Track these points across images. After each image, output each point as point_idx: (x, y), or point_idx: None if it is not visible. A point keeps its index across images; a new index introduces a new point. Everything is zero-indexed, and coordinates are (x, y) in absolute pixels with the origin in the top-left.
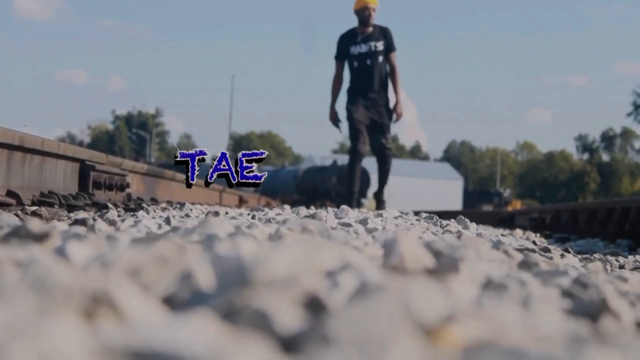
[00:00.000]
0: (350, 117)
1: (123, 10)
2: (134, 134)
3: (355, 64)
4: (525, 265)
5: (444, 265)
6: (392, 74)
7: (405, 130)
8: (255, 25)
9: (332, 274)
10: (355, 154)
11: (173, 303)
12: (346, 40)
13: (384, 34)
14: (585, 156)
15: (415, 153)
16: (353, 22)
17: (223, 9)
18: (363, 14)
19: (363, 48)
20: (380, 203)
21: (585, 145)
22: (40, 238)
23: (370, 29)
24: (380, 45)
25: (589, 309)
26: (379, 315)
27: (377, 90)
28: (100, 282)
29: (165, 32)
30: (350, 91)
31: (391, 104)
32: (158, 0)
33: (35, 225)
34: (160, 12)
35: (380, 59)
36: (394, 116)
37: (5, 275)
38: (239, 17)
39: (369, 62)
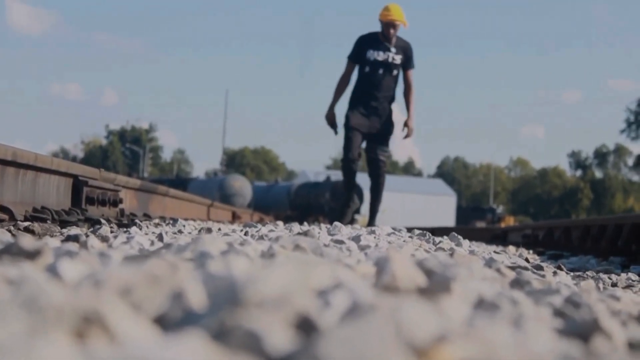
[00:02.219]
0: (347, 123)
1: (117, 25)
2: (128, 149)
3: (367, 69)
4: (517, 283)
5: (436, 284)
6: (408, 91)
7: (398, 146)
8: (250, 40)
9: (324, 293)
10: (347, 161)
11: (164, 323)
12: (365, 43)
13: (404, 49)
14: (579, 173)
15: (409, 169)
16: (348, 39)
17: (218, 24)
18: (387, 28)
19: (380, 56)
20: (373, 217)
21: (578, 162)
22: (33, 255)
23: (393, 41)
24: (397, 59)
25: (580, 329)
26: (371, 336)
27: (381, 101)
28: (92, 301)
29: (159, 47)
30: (353, 95)
31: (403, 119)
32: (153, 15)
33: (27, 242)
34: (155, 26)
35: (394, 72)
36: (406, 130)
37: None
38: (233, 32)
39: (381, 71)
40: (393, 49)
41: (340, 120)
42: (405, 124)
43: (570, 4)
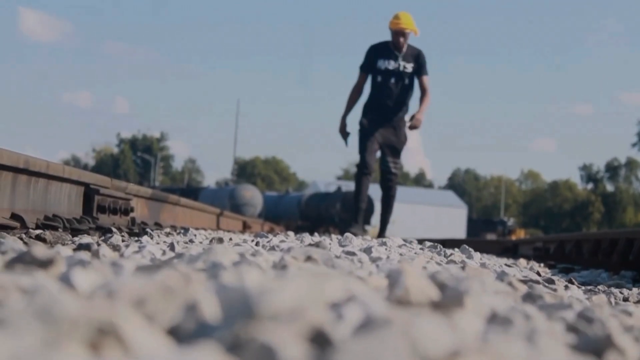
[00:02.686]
0: (362, 130)
1: (129, 34)
2: (139, 157)
3: (379, 78)
4: (529, 297)
5: (448, 298)
6: (423, 95)
7: (409, 157)
8: (262, 50)
9: (337, 306)
10: (363, 168)
11: (178, 334)
12: (376, 52)
13: (416, 56)
14: (590, 186)
15: (420, 180)
16: (355, 51)
17: (230, 34)
18: (397, 37)
19: (391, 65)
20: (382, 232)
21: (589, 175)
22: (45, 264)
23: (404, 49)
24: (409, 67)
25: (594, 345)
26: (385, 350)
27: (395, 111)
28: (106, 313)
29: (171, 56)
30: (366, 106)
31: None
32: (165, 24)
33: (40, 251)
34: (167, 35)
35: (407, 81)
36: (412, 121)
37: (10, 303)
38: (245, 42)
39: (393, 80)
40: (404, 58)
41: (353, 127)
42: (412, 116)
43: (582, 17)
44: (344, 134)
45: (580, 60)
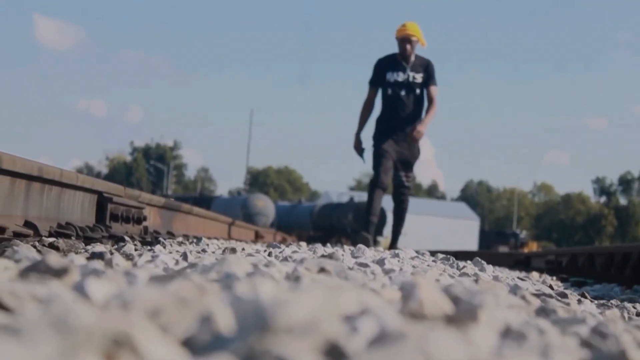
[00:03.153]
0: (376, 146)
1: (143, 42)
2: (152, 166)
3: (390, 91)
4: (543, 311)
5: (463, 311)
6: (430, 105)
7: (422, 168)
8: (275, 59)
9: (351, 319)
10: (377, 183)
11: (192, 346)
12: (384, 66)
13: (425, 66)
14: (603, 199)
15: (432, 192)
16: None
17: (244, 44)
18: (403, 44)
19: (400, 77)
20: (393, 243)
21: (602, 188)
22: (59, 273)
23: (412, 59)
24: (419, 78)
25: None
26: None
27: (408, 123)
28: (121, 323)
29: (185, 65)
30: (379, 121)
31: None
32: (178, 33)
33: (54, 260)
34: (181, 44)
35: (418, 91)
36: (413, 133)
37: (25, 313)
38: (259, 51)
39: (403, 92)
40: (413, 68)
41: (367, 142)
42: (414, 127)
43: (598, 31)
44: (360, 150)
45: (595, 73)
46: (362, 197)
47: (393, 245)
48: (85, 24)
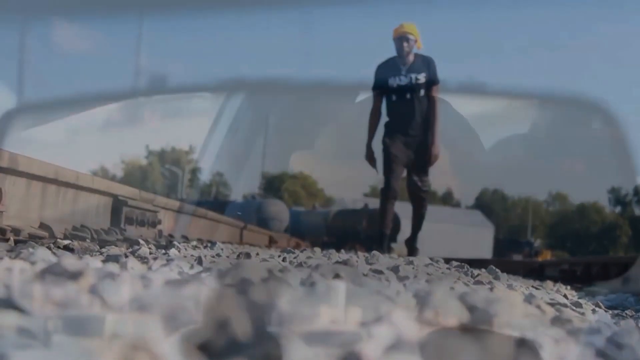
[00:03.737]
0: (386, 151)
1: (159, 46)
2: (167, 169)
3: (394, 97)
4: (558, 321)
5: (478, 320)
6: (430, 108)
7: (437, 176)
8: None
9: (367, 326)
10: (387, 191)
11: (209, 351)
12: (384, 70)
13: (427, 64)
14: (618, 209)
15: (447, 199)
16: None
17: (259, 48)
18: (400, 43)
19: (403, 80)
20: (412, 250)
21: (618, 199)
22: (75, 276)
23: (412, 59)
24: (422, 78)
25: None
26: None
27: (419, 127)
28: (138, 327)
29: (199, 68)
30: (388, 126)
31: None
32: (192, 36)
33: (70, 262)
34: (194, 48)
35: (422, 92)
36: (429, 159)
37: (43, 316)
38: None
39: (409, 95)
40: (413, 69)
41: (378, 150)
42: (427, 150)
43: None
44: (372, 160)
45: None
46: (376, 203)
47: (410, 252)
48: (101, 27)
